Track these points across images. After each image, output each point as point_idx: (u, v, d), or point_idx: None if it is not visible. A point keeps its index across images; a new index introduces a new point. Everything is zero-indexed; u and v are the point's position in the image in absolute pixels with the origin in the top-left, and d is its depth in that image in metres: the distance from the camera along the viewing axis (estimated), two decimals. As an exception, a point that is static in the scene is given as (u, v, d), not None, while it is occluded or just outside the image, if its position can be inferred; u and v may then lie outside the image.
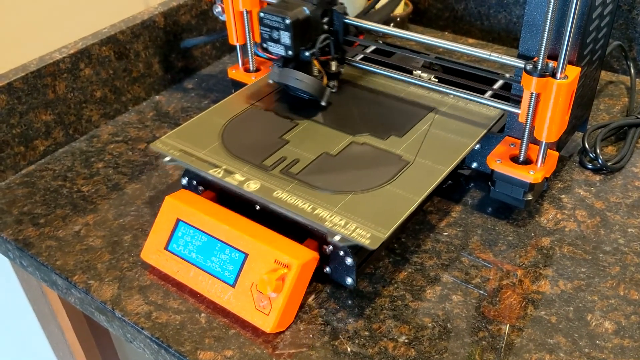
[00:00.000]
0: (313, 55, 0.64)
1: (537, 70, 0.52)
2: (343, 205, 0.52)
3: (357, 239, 0.49)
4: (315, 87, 0.63)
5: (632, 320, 0.51)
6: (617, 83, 0.82)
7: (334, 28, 0.66)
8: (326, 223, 0.51)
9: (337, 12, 0.65)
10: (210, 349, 0.50)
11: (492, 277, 0.55)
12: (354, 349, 0.50)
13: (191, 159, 0.58)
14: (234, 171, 0.57)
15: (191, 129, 0.63)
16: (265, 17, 0.62)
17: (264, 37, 0.63)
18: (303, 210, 0.52)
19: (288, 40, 0.61)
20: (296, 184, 0.55)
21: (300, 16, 0.61)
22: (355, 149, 0.60)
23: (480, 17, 0.92)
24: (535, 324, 0.51)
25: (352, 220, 0.51)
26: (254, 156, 0.59)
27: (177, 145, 0.60)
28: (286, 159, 0.58)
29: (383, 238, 0.49)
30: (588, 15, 0.54)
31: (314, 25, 0.63)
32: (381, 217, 0.51)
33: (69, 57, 0.72)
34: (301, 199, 0.53)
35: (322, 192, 0.54)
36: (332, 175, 0.56)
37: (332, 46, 0.66)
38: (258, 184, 0.55)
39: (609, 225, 0.60)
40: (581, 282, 0.55)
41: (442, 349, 0.49)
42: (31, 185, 0.69)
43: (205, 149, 0.60)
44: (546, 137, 0.56)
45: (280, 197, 0.54)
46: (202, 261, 0.54)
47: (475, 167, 0.66)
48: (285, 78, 0.63)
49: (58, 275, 0.58)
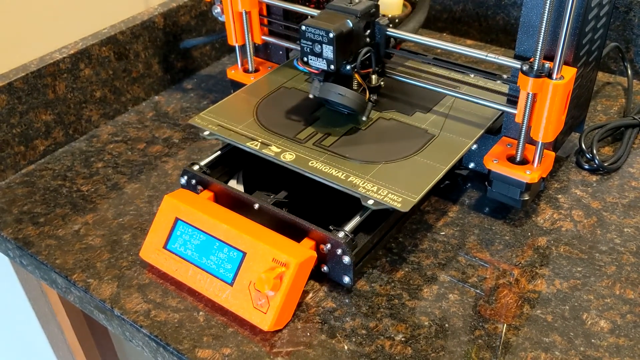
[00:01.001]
0: (354, 69, 0.62)
1: (533, 71, 0.53)
2: (374, 174, 0.56)
3: (390, 203, 0.52)
4: (358, 102, 0.61)
5: (628, 319, 0.51)
6: (614, 84, 0.82)
7: (376, 41, 0.64)
8: (360, 189, 0.54)
9: (380, 24, 0.63)
10: (208, 347, 0.51)
11: (488, 276, 0.56)
12: (351, 347, 0.50)
13: (229, 133, 0.62)
14: (270, 144, 0.60)
15: (227, 106, 0.66)
16: (308, 30, 0.59)
17: (305, 50, 0.60)
18: (337, 178, 0.55)
19: (331, 54, 0.59)
20: (329, 155, 0.58)
21: (344, 29, 0.59)
22: (382, 123, 0.63)
23: (478, 19, 0.92)
24: (531, 323, 0.51)
25: (384, 186, 0.54)
26: (288, 130, 0.62)
27: (215, 120, 0.64)
28: (318, 133, 0.62)
29: (414, 201, 0.52)
30: (584, 17, 0.54)
31: (356, 38, 0.61)
32: (411, 183, 0.54)
33: (69, 57, 0.73)
34: (335, 168, 0.57)
35: (354, 162, 0.57)
36: (363, 147, 0.60)
37: (373, 59, 0.63)
38: (294, 155, 0.59)
39: (606, 225, 0.60)
40: (577, 282, 0.55)
41: (439, 348, 0.50)
42: (31, 184, 0.70)
43: (242, 124, 0.63)
44: (542, 138, 0.56)
45: (315, 167, 0.57)
46: (200, 260, 0.55)
47: (472, 167, 0.66)
48: (328, 93, 0.61)
49: (57, 273, 0.59)
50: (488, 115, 0.63)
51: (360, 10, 0.60)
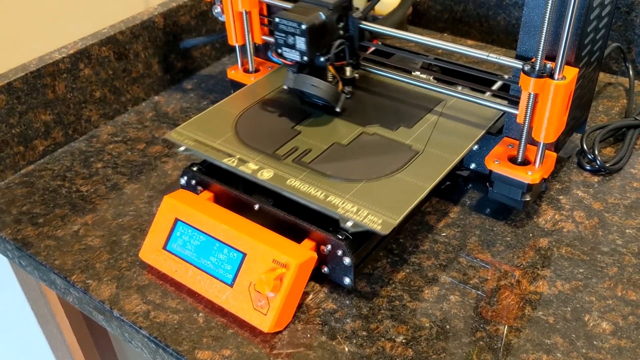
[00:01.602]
0: (328, 60, 0.62)
1: (535, 71, 0.53)
2: (355, 193, 0.54)
3: (369, 225, 0.50)
4: (331, 93, 0.62)
5: (630, 321, 0.51)
6: (615, 85, 0.82)
7: (350, 33, 0.65)
8: (339, 210, 0.52)
9: (353, 17, 0.64)
10: (208, 349, 0.50)
11: (490, 277, 0.56)
12: (351, 348, 0.50)
13: (205, 149, 0.60)
14: (247, 160, 0.58)
15: (205, 120, 0.64)
16: (281, 22, 0.61)
17: (279, 42, 0.62)
18: (316, 198, 0.53)
19: (304, 45, 0.60)
20: (308, 172, 0.56)
21: (317, 21, 0.60)
22: (365, 139, 0.61)
23: (479, 19, 0.92)
24: (532, 325, 0.51)
25: (364, 207, 0.52)
26: (267, 146, 0.60)
27: (192, 135, 0.62)
28: (298, 148, 0.60)
29: (394, 224, 0.50)
30: (586, 17, 0.54)
31: (329, 30, 0.62)
32: (392, 203, 0.52)
33: (68, 57, 0.72)
34: (314, 186, 0.55)
35: (334, 180, 0.55)
36: (344, 164, 0.58)
37: (347, 51, 0.64)
38: (271, 173, 0.56)
39: (607, 226, 0.60)
40: (579, 283, 0.55)
41: (440, 349, 0.50)
42: (30, 185, 0.69)
43: (219, 138, 0.61)
44: (544, 138, 0.56)
45: (293, 185, 0.55)
46: (200, 261, 0.55)
47: (473, 168, 0.66)
48: (301, 84, 0.62)
49: (57, 274, 0.58)
50: (474, 132, 0.61)
51: (333, 3, 0.61)
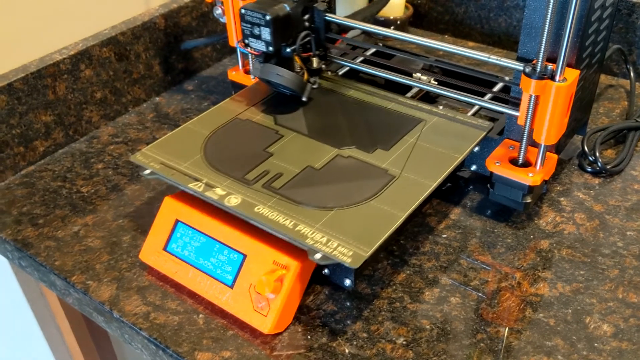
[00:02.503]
0: (294, 51, 0.65)
1: (536, 73, 0.53)
2: (326, 222, 0.51)
3: (339, 257, 0.48)
4: (296, 82, 0.64)
5: (631, 323, 0.51)
6: (616, 87, 0.82)
7: (315, 25, 0.68)
8: (307, 240, 0.49)
9: (318, 9, 0.67)
10: (208, 350, 0.50)
11: (490, 279, 0.55)
12: (352, 350, 0.50)
13: (171, 172, 0.57)
14: (214, 185, 0.55)
15: (174, 141, 0.62)
16: (247, 13, 0.63)
17: (245, 33, 0.65)
18: (284, 227, 0.51)
19: (269, 36, 0.63)
20: (278, 199, 0.54)
21: (281, 13, 0.63)
22: (340, 162, 0.58)
23: (480, 21, 0.92)
24: (533, 327, 0.51)
25: (334, 237, 0.49)
26: (236, 169, 0.57)
27: (158, 158, 0.59)
28: (269, 172, 0.57)
29: (365, 257, 0.48)
30: (587, 19, 0.54)
31: (294, 22, 0.65)
32: (364, 234, 0.50)
33: (69, 58, 0.72)
34: (283, 214, 0.52)
35: (305, 207, 0.53)
36: (316, 189, 0.55)
37: (313, 43, 0.67)
38: (239, 199, 0.54)
39: (608, 228, 0.60)
40: (580, 285, 0.54)
41: (440, 351, 0.49)
42: (30, 185, 0.69)
43: (187, 161, 0.58)
44: (545, 140, 0.56)
45: (261, 213, 0.52)
46: (200, 262, 0.54)
47: (474, 170, 0.66)
48: (267, 74, 0.64)
49: (57, 275, 0.58)
50: (454, 153, 0.58)
51: None
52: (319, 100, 0.67)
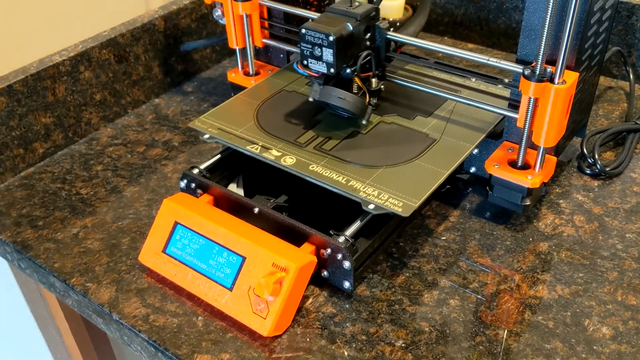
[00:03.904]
0: (354, 72, 0.61)
1: (535, 75, 0.53)
2: (375, 178, 0.55)
3: (391, 207, 0.52)
4: (358, 106, 0.61)
5: (630, 326, 0.51)
6: (616, 89, 0.82)
7: (376, 44, 0.64)
8: (360, 193, 0.54)
9: (380, 27, 0.63)
10: (207, 352, 0.50)
11: (489, 281, 0.55)
12: (351, 353, 0.50)
13: (229, 136, 0.62)
14: (270, 147, 0.60)
15: (227, 110, 0.66)
16: (308, 33, 0.59)
17: (305, 54, 0.60)
18: (338, 182, 0.55)
19: (331, 57, 0.59)
20: (330, 159, 0.58)
21: (344, 32, 0.59)
22: (383, 127, 0.63)
23: (479, 23, 0.92)
24: (532, 329, 0.51)
25: (384, 191, 0.54)
26: (288, 134, 0.62)
27: (215, 124, 0.64)
28: (318, 136, 0.61)
29: (415, 206, 0.52)
30: (586, 21, 0.54)
31: (356, 41, 0.61)
32: (412, 188, 0.54)
33: (68, 59, 0.72)
34: (335, 172, 0.56)
35: (355, 166, 0.57)
36: (363, 151, 0.59)
37: (373, 62, 0.63)
38: (294, 159, 0.58)
39: (607, 231, 0.60)
40: (579, 287, 0.54)
41: (439, 354, 0.49)
42: (30, 187, 0.69)
43: (242, 127, 0.63)
44: (544, 142, 0.56)
45: (315, 171, 0.57)
46: (199, 264, 0.54)
47: (473, 172, 0.66)
48: (328, 97, 0.61)
49: (56, 277, 0.58)
50: (489, 119, 0.63)
51: (360, 14, 0.60)
52: None
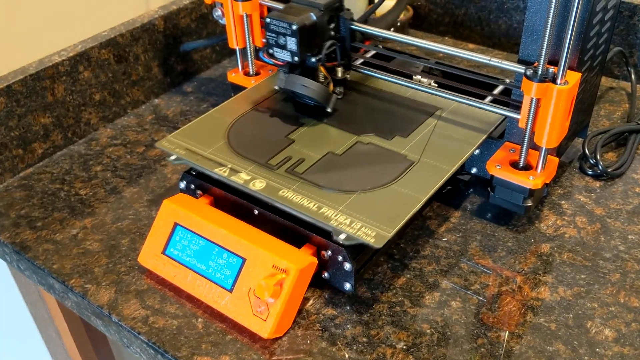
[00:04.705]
0: (319, 61, 0.63)
1: (537, 76, 0.52)
2: (348, 204, 0.53)
3: (363, 238, 0.49)
4: (322, 93, 0.62)
5: (633, 328, 0.51)
6: (617, 89, 0.82)
7: (341, 34, 0.65)
8: (331, 222, 0.51)
9: (344, 18, 0.64)
10: (207, 355, 0.50)
11: (491, 283, 0.55)
12: (351, 355, 0.49)
13: (197, 158, 0.59)
14: (239, 170, 0.57)
15: (197, 128, 0.63)
16: (272, 22, 0.61)
17: (270, 42, 0.63)
18: (309, 209, 0.52)
19: (294, 46, 0.61)
20: (301, 183, 0.55)
21: (307, 22, 0.61)
22: (360, 148, 0.60)
23: (480, 23, 0.92)
24: (534, 331, 0.51)
25: (357, 219, 0.51)
26: (260, 155, 0.59)
27: (183, 144, 0.61)
28: (291, 158, 0.59)
29: (388, 236, 0.49)
30: (589, 21, 0.53)
31: (320, 31, 0.63)
32: (386, 215, 0.51)
33: (68, 60, 0.72)
34: (307, 197, 0.54)
35: (328, 191, 0.54)
36: (338, 174, 0.56)
37: (338, 52, 0.65)
38: (264, 183, 0.55)
39: (609, 232, 0.60)
40: (581, 289, 0.54)
41: (441, 356, 0.49)
42: (29, 188, 0.69)
43: (211, 147, 0.60)
44: (546, 143, 0.55)
45: (285, 196, 0.54)
46: (199, 266, 0.54)
47: (474, 173, 0.65)
48: (292, 84, 0.62)
49: (55, 279, 0.58)
50: (471, 140, 0.60)
51: (324, 4, 0.62)
52: None
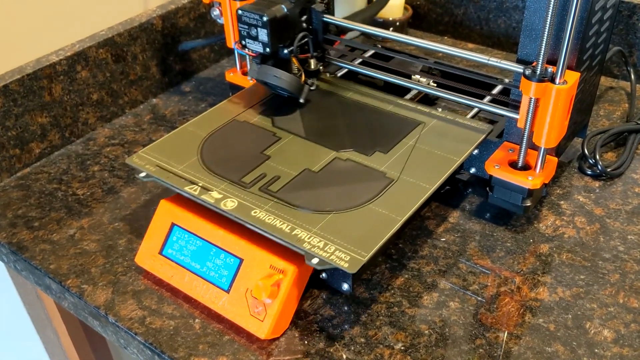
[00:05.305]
0: (291, 53, 0.64)
1: (536, 75, 0.52)
2: (323, 226, 0.50)
3: (336, 262, 0.47)
4: (294, 84, 0.63)
5: (632, 329, 0.50)
6: (617, 89, 0.81)
7: (313, 26, 0.67)
8: (304, 245, 0.49)
9: (316, 10, 0.66)
10: (204, 355, 0.50)
11: (490, 283, 0.55)
12: (349, 356, 0.49)
13: (167, 175, 0.56)
14: (211, 188, 0.55)
15: (170, 143, 0.61)
16: (244, 14, 0.63)
17: (242, 34, 0.64)
18: (281, 231, 0.50)
19: (266, 37, 0.62)
20: (275, 202, 0.53)
21: (278, 14, 0.62)
22: (338, 165, 0.58)
23: (479, 22, 0.92)
24: (533, 332, 0.50)
25: (332, 242, 0.49)
26: (233, 172, 0.57)
27: (154, 160, 0.58)
28: (266, 175, 0.56)
29: (363, 261, 0.47)
30: (587, 20, 0.53)
31: (292, 23, 0.64)
32: (362, 238, 0.49)
33: (65, 59, 0.72)
34: (279, 218, 0.51)
35: (302, 211, 0.52)
36: (313, 193, 0.54)
37: (310, 44, 0.66)
38: (235, 202, 0.53)
39: (609, 232, 0.59)
40: (580, 290, 0.54)
41: (439, 357, 0.49)
42: (26, 188, 0.69)
43: (183, 164, 0.58)
44: (545, 143, 0.55)
45: (257, 217, 0.52)
46: (196, 266, 0.54)
47: (473, 173, 0.65)
48: (264, 75, 0.63)
49: (52, 279, 0.58)
50: (454, 156, 0.58)
51: None
52: (317, 102, 0.67)
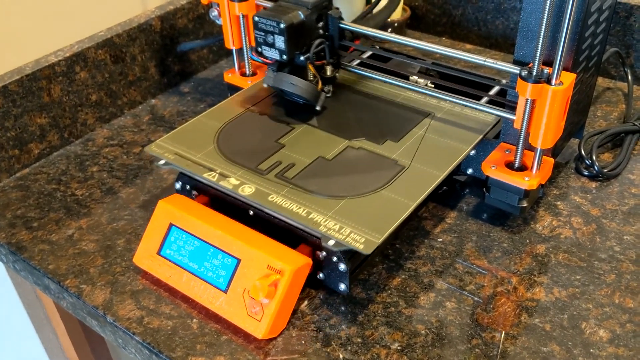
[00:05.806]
0: (308, 59, 0.64)
1: (532, 77, 0.52)
2: (338, 210, 0.52)
3: (351, 244, 0.49)
4: (310, 91, 0.63)
5: (627, 329, 0.51)
6: (614, 90, 0.82)
7: (329, 33, 0.66)
8: (320, 227, 0.50)
9: (332, 16, 0.65)
10: (201, 355, 0.50)
11: (486, 284, 0.55)
12: (346, 355, 0.49)
13: (186, 163, 0.58)
14: (228, 175, 0.57)
15: (187, 132, 0.63)
16: (260, 21, 0.62)
17: (259, 41, 0.63)
18: (297, 215, 0.52)
19: (282, 44, 0.62)
20: (291, 188, 0.55)
21: (295, 20, 0.61)
22: (350, 153, 0.59)
23: (477, 23, 0.92)
24: (529, 332, 0.51)
25: (347, 225, 0.51)
26: (249, 160, 0.59)
27: (172, 149, 0.60)
28: (281, 163, 0.58)
29: (377, 243, 0.49)
30: (583, 22, 0.53)
31: (308, 29, 0.63)
32: (375, 222, 0.51)
33: (64, 60, 0.72)
34: (296, 203, 0.53)
35: (317, 196, 0.54)
36: (327, 179, 0.56)
37: (327, 51, 0.66)
38: (253, 188, 0.55)
39: (605, 233, 0.60)
40: (576, 290, 0.54)
41: (435, 357, 0.49)
42: (25, 188, 0.69)
43: (201, 152, 0.60)
44: (541, 144, 0.55)
45: (274, 202, 0.53)
46: (194, 266, 0.54)
47: (470, 173, 0.65)
48: (280, 82, 0.63)
49: (50, 279, 0.58)
50: (463, 145, 0.59)
51: (311, 2, 0.62)
52: None
